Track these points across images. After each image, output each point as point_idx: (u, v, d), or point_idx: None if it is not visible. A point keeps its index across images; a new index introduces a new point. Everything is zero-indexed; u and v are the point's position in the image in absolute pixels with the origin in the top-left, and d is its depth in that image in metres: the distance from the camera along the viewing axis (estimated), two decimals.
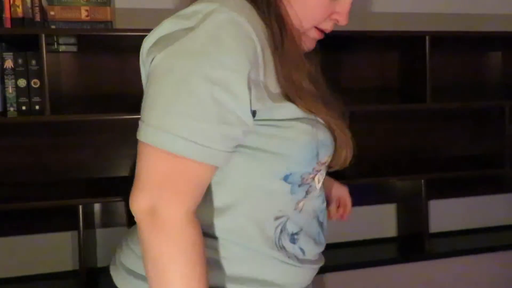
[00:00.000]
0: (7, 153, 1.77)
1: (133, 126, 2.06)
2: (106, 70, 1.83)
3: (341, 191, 1.21)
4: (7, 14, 1.56)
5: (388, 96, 2.06)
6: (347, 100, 2.09)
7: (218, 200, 0.77)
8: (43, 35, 1.51)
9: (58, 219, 1.81)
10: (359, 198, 2.12)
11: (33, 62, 1.56)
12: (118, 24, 1.76)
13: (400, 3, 2.08)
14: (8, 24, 1.57)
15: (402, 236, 2.13)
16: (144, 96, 0.76)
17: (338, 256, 2.00)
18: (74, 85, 1.80)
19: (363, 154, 1.90)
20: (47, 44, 1.54)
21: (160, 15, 1.94)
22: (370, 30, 1.95)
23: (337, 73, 2.03)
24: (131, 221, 0.75)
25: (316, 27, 0.87)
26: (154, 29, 0.77)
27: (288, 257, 0.81)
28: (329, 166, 0.87)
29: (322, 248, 0.91)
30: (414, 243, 2.02)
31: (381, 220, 2.15)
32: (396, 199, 2.15)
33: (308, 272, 0.87)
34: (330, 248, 2.11)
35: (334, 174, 1.93)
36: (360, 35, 1.79)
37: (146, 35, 1.73)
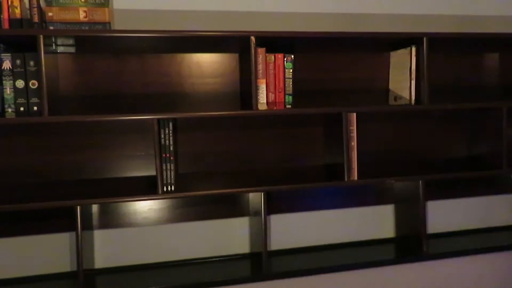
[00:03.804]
0: (5, 154, 1.77)
1: (131, 127, 2.08)
2: (104, 71, 1.83)
3: None
4: (5, 15, 1.56)
5: (386, 97, 2.07)
6: (345, 102, 2.10)
7: None
8: (41, 36, 1.51)
9: (56, 220, 1.81)
10: (358, 199, 2.13)
11: (31, 63, 1.56)
12: (116, 25, 1.76)
13: (399, 4, 2.09)
14: (6, 25, 1.57)
15: (400, 237, 2.14)
16: None
17: (337, 257, 2.00)
18: (72, 86, 1.80)
19: (361, 155, 1.92)
20: (45, 45, 1.54)
21: (158, 16, 1.96)
22: (368, 31, 1.95)
23: (337, 74, 2.04)
24: None
25: None
26: None
27: None
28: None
29: None
30: (412, 244, 2.02)
31: (379, 221, 2.15)
32: (394, 200, 2.15)
33: None
34: (328, 249, 2.12)
35: (334, 174, 1.95)
36: (358, 36, 1.79)
37: (144, 36, 1.74)
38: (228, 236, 1.99)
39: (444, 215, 2.23)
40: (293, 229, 2.05)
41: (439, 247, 2.07)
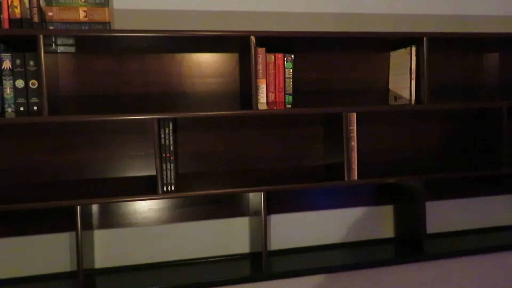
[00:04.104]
0: (5, 154, 1.77)
1: (131, 127, 2.08)
2: (104, 71, 1.83)
3: None
4: (5, 15, 1.56)
5: (386, 97, 2.07)
6: (345, 102, 2.10)
7: None
8: (41, 36, 1.51)
9: (56, 220, 1.81)
10: (358, 199, 2.13)
11: (31, 63, 1.56)
12: (116, 25, 1.76)
13: (398, 4, 2.09)
14: (6, 25, 1.56)
15: (400, 237, 2.14)
16: None
17: (336, 257, 2.00)
18: (72, 86, 1.80)
19: (361, 155, 1.92)
20: (45, 45, 1.54)
21: (158, 16, 1.96)
22: (368, 31, 1.95)
23: (337, 74, 2.04)
24: None
25: None
26: None
27: None
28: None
29: None
30: (411, 244, 2.02)
31: (379, 221, 2.15)
32: (393, 200, 2.15)
33: None
34: (329, 249, 2.12)
35: (334, 174, 1.95)
36: (358, 36, 1.79)
37: (144, 36, 1.74)
38: (228, 236, 1.99)
39: (444, 215, 2.23)
40: (293, 229, 2.05)
41: (439, 247, 2.07)
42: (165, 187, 1.67)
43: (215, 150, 1.95)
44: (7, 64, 1.55)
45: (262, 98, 1.75)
